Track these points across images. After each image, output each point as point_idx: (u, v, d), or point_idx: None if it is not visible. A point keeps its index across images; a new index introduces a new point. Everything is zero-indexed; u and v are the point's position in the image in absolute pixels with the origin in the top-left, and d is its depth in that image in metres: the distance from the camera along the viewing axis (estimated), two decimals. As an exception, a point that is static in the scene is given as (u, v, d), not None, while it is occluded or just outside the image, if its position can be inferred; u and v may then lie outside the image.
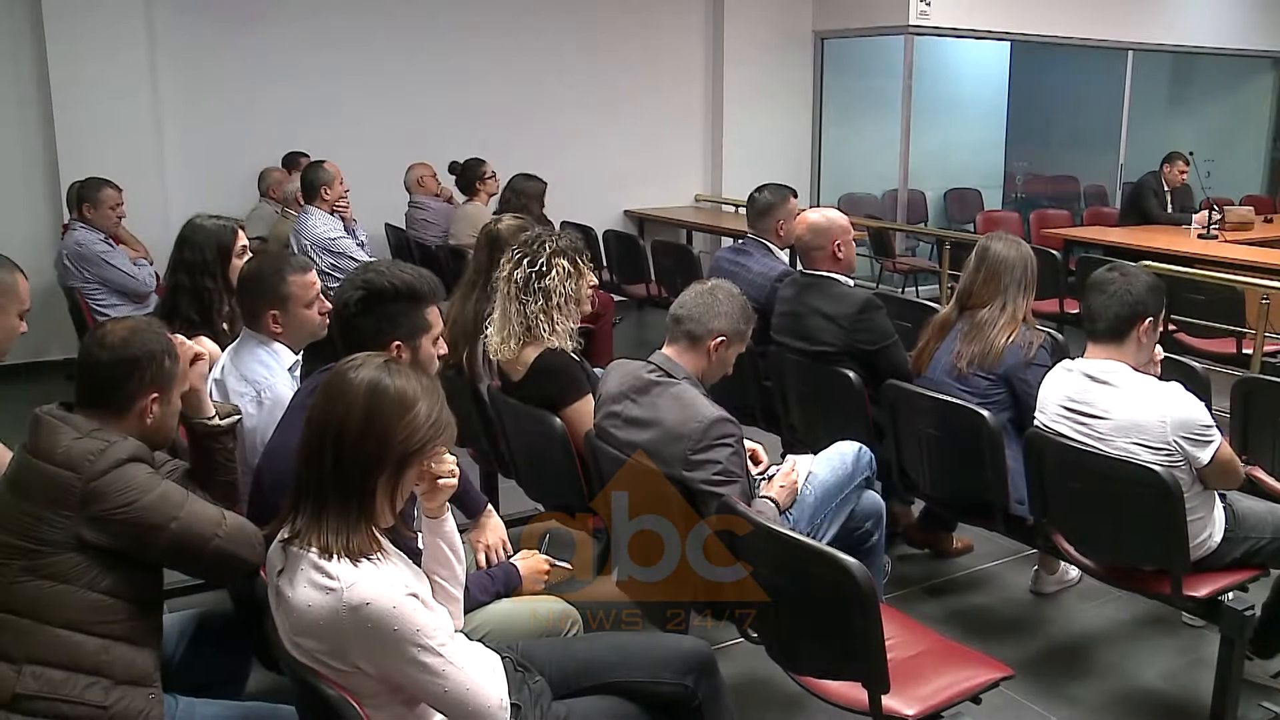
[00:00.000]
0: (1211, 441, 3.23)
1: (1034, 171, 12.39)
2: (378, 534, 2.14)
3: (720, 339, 3.15)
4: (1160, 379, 3.35)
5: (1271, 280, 6.41)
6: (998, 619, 4.18)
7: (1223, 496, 3.44)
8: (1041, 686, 3.70)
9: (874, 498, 3.58)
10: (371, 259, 5.30)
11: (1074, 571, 4.24)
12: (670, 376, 3.12)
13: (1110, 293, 3.31)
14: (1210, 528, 3.35)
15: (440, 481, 2.28)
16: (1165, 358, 3.60)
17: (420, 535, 2.42)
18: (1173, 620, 4.10)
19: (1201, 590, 3.31)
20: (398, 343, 2.74)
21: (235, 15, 8.04)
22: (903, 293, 9.02)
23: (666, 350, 3.20)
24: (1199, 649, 3.90)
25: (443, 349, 2.92)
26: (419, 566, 2.34)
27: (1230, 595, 3.32)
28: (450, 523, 2.41)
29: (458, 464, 2.32)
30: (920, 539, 4.58)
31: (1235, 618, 3.26)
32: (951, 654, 2.93)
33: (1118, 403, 3.29)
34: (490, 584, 2.88)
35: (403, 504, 2.20)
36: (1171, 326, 6.45)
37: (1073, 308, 7.33)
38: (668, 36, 9.89)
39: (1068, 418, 3.41)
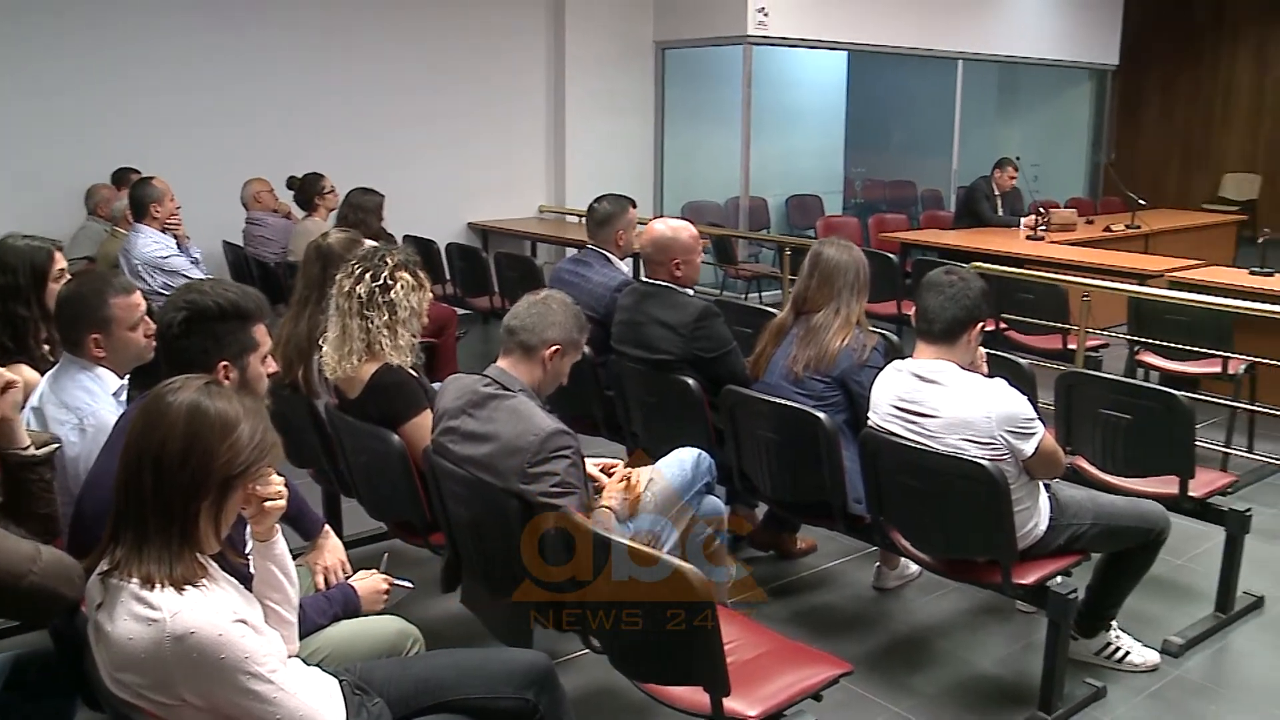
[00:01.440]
0: (1035, 434, 3.35)
1: (872, 177, 12.73)
2: (203, 560, 2.08)
3: (555, 348, 3.15)
4: (986, 377, 3.48)
5: (1092, 278, 6.70)
6: (842, 616, 4.27)
7: (1047, 486, 3.58)
8: (884, 679, 3.79)
9: (715, 503, 3.62)
10: (207, 277, 5.16)
11: (914, 566, 4.34)
12: (506, 389, 3.11)
13: (949, 295, 3.43)
14: (1036, 517, 3.48)
15: (268, 504, 2.23)
16: (993, 355, 3.73)
17: (251, 560, 2.37)
18: (1006, 608, 4.23)
19: (1029, 578, 3.44)
20: (225, 363, 2.68)
21: (61, 21, 7.72)
22: (746, 299, 9.18)
23: (501, 363, 3.18)
24: (1030, 634, 4.04)
25: (272, 367, 2.87)
26: (250, 591, 2.28)
27: (1057, 580, 3.46)
28: (281, 545, 2.36)
29: (289, 485, 2.28)
30: (764, 541, 4.65)
31: (1061, 602, 3.41)
32: (793, 653, 2.97)
33: (946, 401, 3.39)
34: (328, 606, 2.82)
35: (228, 528, 2.15)
36: (1002, 324, 6.69)
37: (910, 309, 7.47)
38: (509, 48, 9.87)
39: (899, 417, 3.50)
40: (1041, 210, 9.48)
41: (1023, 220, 9.38)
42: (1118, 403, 4.14)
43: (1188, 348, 6.07)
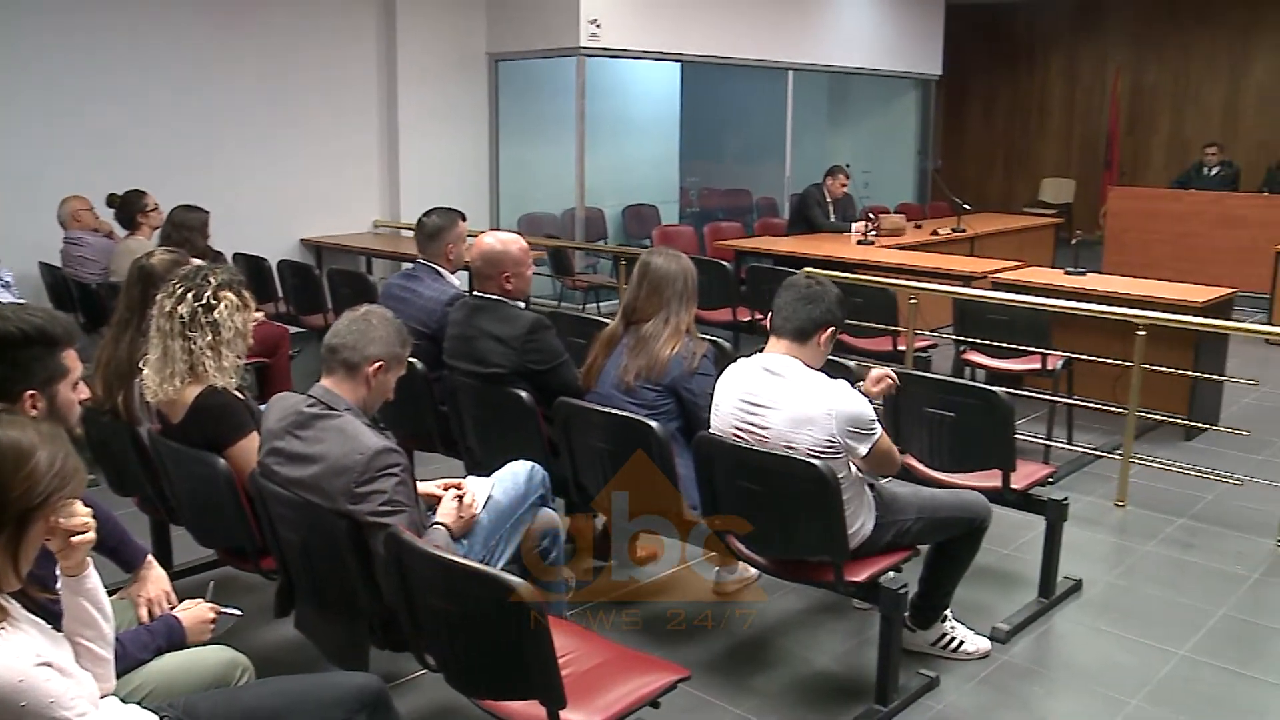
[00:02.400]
0: (873, 435, 3.45)
1: (708, 186, 12.89)
2: (3, 600, 1.99)
3: (378, 365, 3.10)
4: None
5: (919, 281, 6.91)
6: (683, 622, 4.29)
7: (871, 485, 3.67)
8: (725, 682, 3.84)
9: (550, 515, 3.61)
10: (18, 301, 4.94)
11: (753, 569, 4.40)
12: (331, 409, 3.06)
13: (806, 297, 3.55)
14: (863, 515, 3.57)
15: (75, 538, 2.14)
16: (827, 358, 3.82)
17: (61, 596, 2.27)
18: (843, 606, 4.32)
19: (861, 575, 3.53)
20: (32, 392, 2.56)
21: None
22: (584, 309, 9.20)
23: (325, 382, 3.12)
24: (866, 629, 4.13)
25: (84, 393, 2.75)
26: (59, 630, 2.19)
27: (888, 576, 3.56)
28: (93, 579, 2.27)
29: (108, 515, 2.20)
30: (605, 550, 4.65)
31: (892, 597, 3.51)
32: (630, 662, 2.98)
33: (789, 396, 3.46)
34: (149, 640, 2.72)
35: (30, 564, 2.05)
36: (835, 328, 6.83)
37: (745, 315, 7.67)
38: (340, 60, 9.70)
39: (742, 409, 3.56)
40: (871, 216, 9.74)
41: (854, 226, 9.61)
42: (942, 401, 4.28)
43: (1010, 346, 6.30)
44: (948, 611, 4.01)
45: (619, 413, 3.84)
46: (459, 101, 10.46)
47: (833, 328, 3.59)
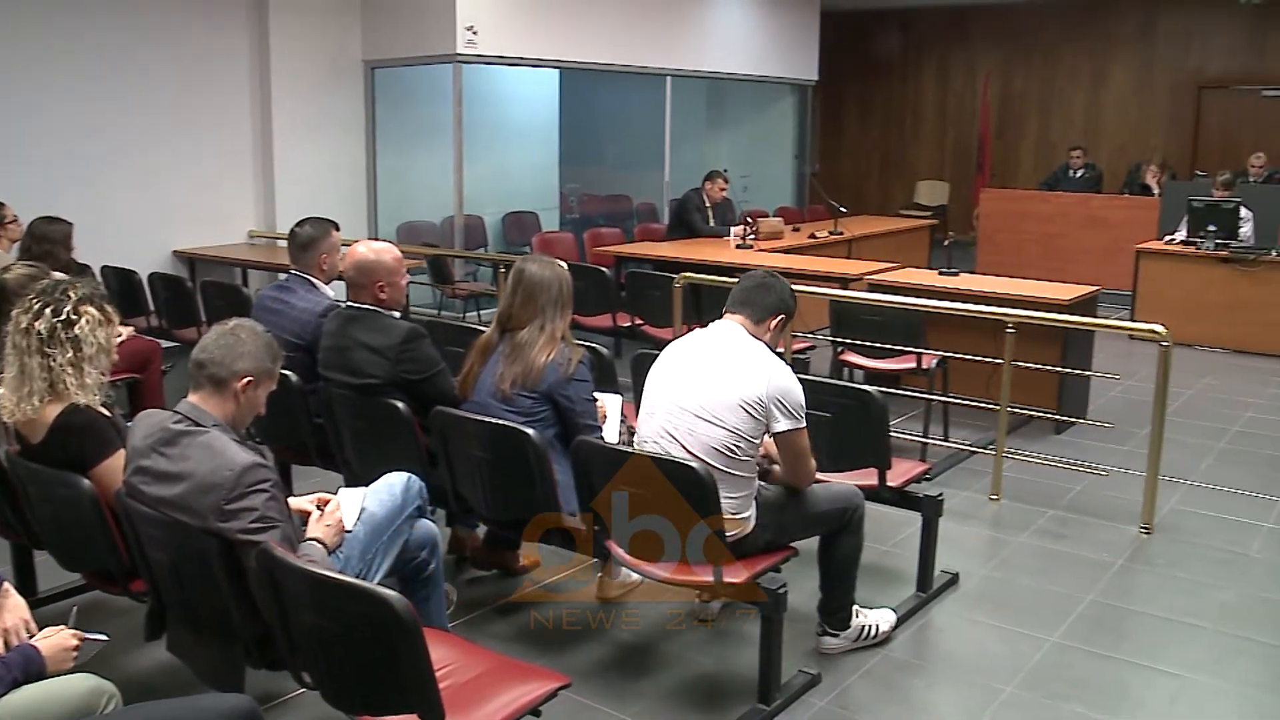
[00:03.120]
0: (796, 420, 3.60)
1: (588, 192, 12.90)
2: None
3: (247, 380, 3.04)
4: None
5: (797, 284, 6.97)
6: (567, 629, 4.28)
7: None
8: (609, 687, 3.84)
9: (428, 526, 3.57)
10: None
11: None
12: (198, 425, 2.98)
13: (765, 285, 3.84)
14: (748, 510, 3.64)
15: None
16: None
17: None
18: (727, 607, 4.35)
19: (740, 576, 3.56)
20: None
21: None
22: (464, 318, 9.14)
23: (192, 398, 3.04)
24: (749, 630, 4.16)
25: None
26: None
27: (769, 576, 3.60)
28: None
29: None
30: (488, 560, 4.62)
31: (772, 597, 3.54)
32: (510, 671, 2.97)
33: (734, 356, 3.64)
34: (4, 672, 2.62)
35: None
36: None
37: (625, 321, 7.68)
38: (211, 68, 9.47)
39: (678, 370, 3.74)
40: (750, 220, 9.83)
41: (733, 230, 9.69)
42: (818, 402, 4.31)
43: (885, 346, 6.41)
44: (856, 606, 4.08)
45: (496, 421, 3.82)
46: (335, 109, 10.31)
47: (783, 316, 3.83)
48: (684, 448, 3.59)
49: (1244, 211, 9.82)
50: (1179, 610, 4.51)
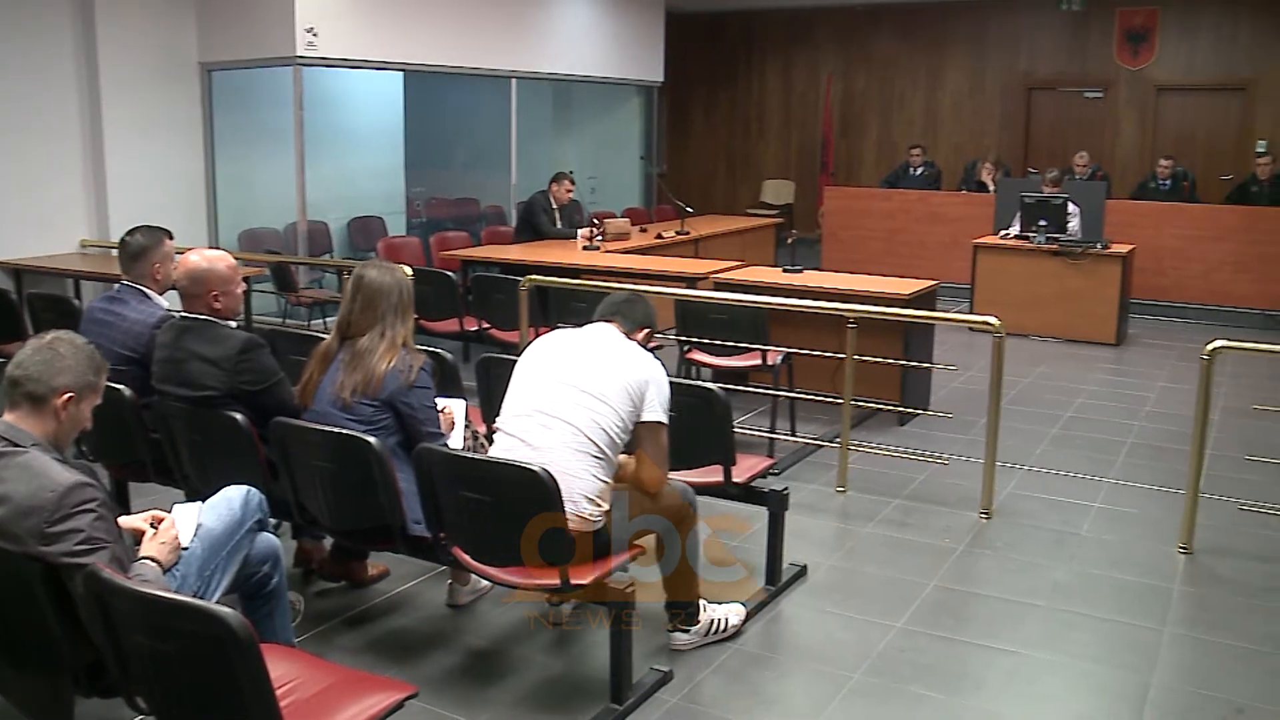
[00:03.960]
0: (664, 413, 3.75)
1: (435, 196, 12.77)
2: None
3: (68, 396, 2.91)
4: None
5: (645, 284, 7.03)
6: (417, 638, 4.24)
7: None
8: (461, 695, 3.81)
9: (269, 540, 3.48)
10: None
11: (484, 580, 4.39)
12: (16, 445, 2.85)
13: (632, 299, 4.07)
14: (607, 505, 3.67)
15: None
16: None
17: None
18: (579, 608, 4.35)
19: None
20: None
21: None
22: (310, 326, 8.96)
23: (8, 417, 2.90)
24: (601, 631, 4.16)
25: None
26: None
27: (614, 576, 3.62)
28: None
29: None
30: (335, 572, 4.54)
31: (619, 595, 3.57)
32: (356, 684, 2.92)
33: (612, 351, 3.82)
34: None
35: None
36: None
37: (472, 325, 7.63)
38: (33, 68, 9.07)
39: (555, 362, 3.81)
40: (597, 221, 9.85)
41: (580, 232, 9.70)
42: (662, 401, 4.37)
43: (730, 344, 6.50)
44: (702, 600, 4.11)
45: (337, 430, 3.75)
46: (170, 113, 9.96)
47: (649, 329, 4.03)
48: (571, 425, 3.64)
49: (1071, 207, 10.23)
50: (1016, 590, 4.69)
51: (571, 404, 3.66)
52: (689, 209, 11.09)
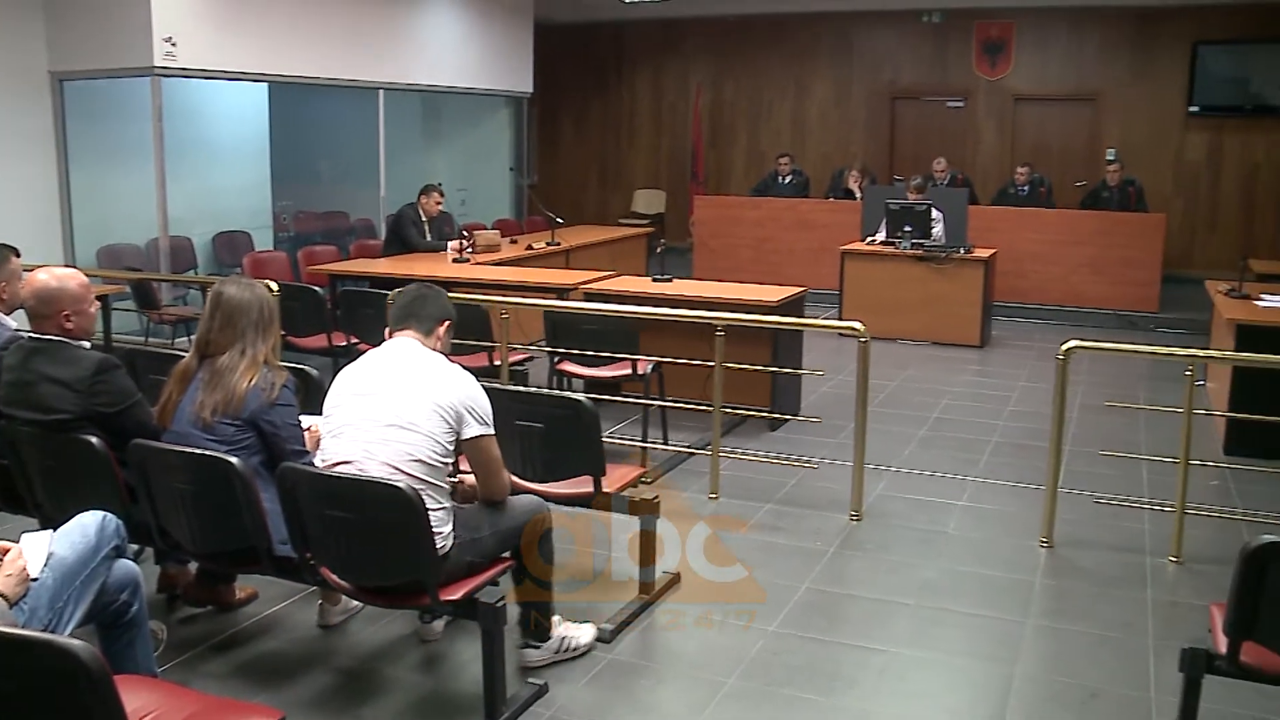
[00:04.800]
0: (486, 426, 3.66)
1: (304, 209, 12.56)
2: None
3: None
4: None
5: (515, 296, 7.04)
6: (288, 661, 4.16)
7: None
8: (333, 717, 3.76)
9: (127, 566, 3.38)
10: None
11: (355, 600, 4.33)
12: None
13: (424, 295, 3.88)
14: (448, 528, 3.62)
15: None
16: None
17: None
18: (451, 625, 4.33)
19: (457, 594, 3.56)
20: None
21: None
22: (174, 344, 8.73)
23: None
24: (476, 647, 4.14)
25: None
26: None
27: (485, 591, 3.61)
28: None
29: None
30: (201, 596, 4.43)
31: (489, 611, 3.55)
32: (219, 711, 2.87)
33: (417, 370, 3.67)
34: None
35: None
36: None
37: (340, 340, 7.52)
38: None
39: (362, 394, 3.68)
40: (467, 233, 9.81)
41: (449, 244, 9.65)
42: (529, 413, 4.37)
43: (601, 354, 6.51)
44: (556, 617, 4.11)
45: (197, 451, 3.67)
46: (19, 124, 9.59)
47: (449, 321, 3.87)
48: (386, 464, 3.55)
49: (935, 213, 10.50)
50: (886, 590, 4.80)
51: (380, 441, 3.58)
52: (560, 220, 11.11)
